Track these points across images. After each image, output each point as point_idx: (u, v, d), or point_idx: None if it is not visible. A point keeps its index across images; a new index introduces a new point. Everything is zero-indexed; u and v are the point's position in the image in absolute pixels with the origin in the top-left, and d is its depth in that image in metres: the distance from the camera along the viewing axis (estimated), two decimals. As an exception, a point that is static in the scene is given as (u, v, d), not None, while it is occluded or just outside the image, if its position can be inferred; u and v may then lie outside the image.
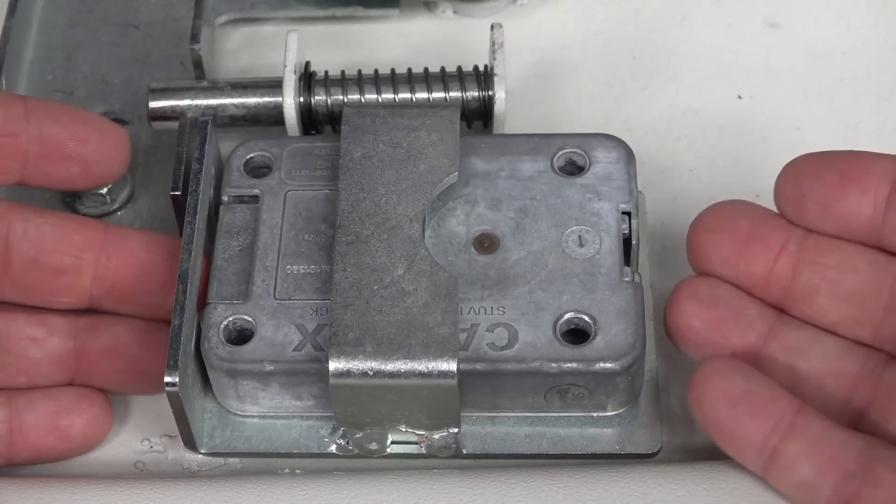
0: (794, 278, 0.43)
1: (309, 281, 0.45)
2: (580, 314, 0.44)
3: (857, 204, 0.43)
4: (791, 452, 0.41)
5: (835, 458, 0.41)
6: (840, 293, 0.43)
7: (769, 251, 0.44)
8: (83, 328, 0.47)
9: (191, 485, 0.45)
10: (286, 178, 0.48)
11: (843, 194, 0.43)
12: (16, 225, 0.46)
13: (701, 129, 0.54)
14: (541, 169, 0.47)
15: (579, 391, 0.44)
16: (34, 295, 0.46)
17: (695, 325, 0.44)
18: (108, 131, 0.47)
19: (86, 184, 0.48)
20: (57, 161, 0.46)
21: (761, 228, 0.44)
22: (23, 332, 0.46)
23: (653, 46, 0.56)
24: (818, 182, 0.43)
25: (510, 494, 0.44)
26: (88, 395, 0.46)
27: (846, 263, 0.43)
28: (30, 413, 0.46)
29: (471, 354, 0.44)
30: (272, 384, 0.45)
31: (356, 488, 0.44)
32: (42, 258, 0.46)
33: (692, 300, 0.44)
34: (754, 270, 0.44)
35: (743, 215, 0.44)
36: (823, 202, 0.43)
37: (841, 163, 0.43)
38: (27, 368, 0.46)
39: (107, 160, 0.47)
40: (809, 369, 0.43)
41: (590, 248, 0.46)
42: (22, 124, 0.46)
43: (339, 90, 0.51)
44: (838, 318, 0.43)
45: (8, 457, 0.46)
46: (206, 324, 0.45)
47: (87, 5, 0.57)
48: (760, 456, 0.42)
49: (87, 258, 0.46)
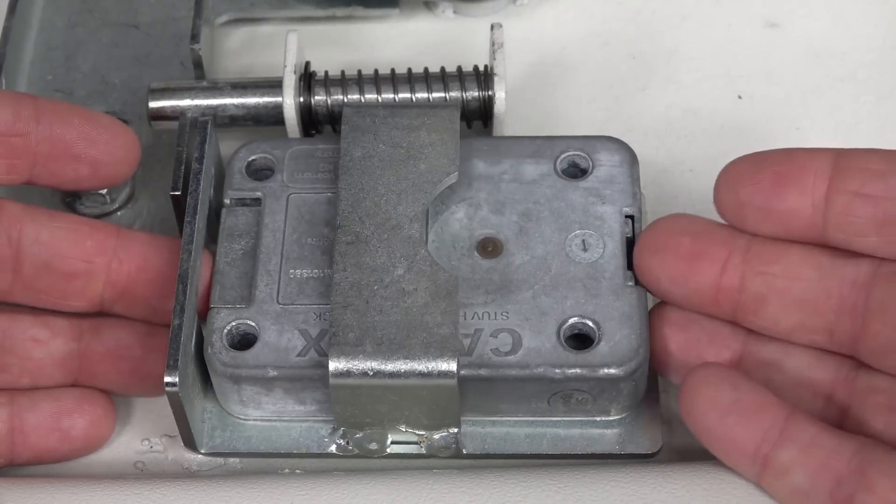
0: (741, 290, 0.43)
1: (312, 285, 0.45)
2: (584, 319, 0.44)
3: (797, 204, 0.42)
4: (783, 460, 0.41)
5: (827, 464, 0.41)
6: (789, 301, 0.43)
7: (714, 266, 0.43)
8: (86, 330, 0.47)
9: (191, 485, 0.45)
10: (288, 180, 0.48)
11: (781, 196, 0.42)
12: (28, 228, 0.46)
13: (701, 129, 0.54)
14: (544, 172, 0.47)
15: (583, 396, 0.44)
16: (44, 298, 0.46)
17: (671, 350, 0.44)
18: (118, 132, 0.47)
19: (94, 184, 0.48)
20: (66, 161, 0.46)
21: (704, 243, 0.43)
22: (26, 333, 0.46)
23: (653, 46, 0.56)
24: (754, 187, 0.42)
25: (510, 494, 0.44)
26: (91, 397, 0.46)
27: (791, 271, 0.43)
28: (32, 413, 0.46)
29: (475, 360, 0.43)
30: (276, 389, 0.44)
31: (356, 488, 0.44)
32: (54, 262, 0.46)
33: (665, 325, 0.44)
34: (702, 287, 0.43)
35: (684, 232, 0.44)
36: (762, 206, 0.42)
37: (775, 163, 0.42)
38: (30, 369, 0.46)
39: (116, 161, 0.47)
40: (784, 381, 0.43)
41: (593, 253, 0.46)
42: (31, 124, 0.46)
43: (339, 90, 0.51)
44: (791, 326, 0.43)
45: (9, 457, 0.46)
46: (209, 328, 0.45)
47: (87, 5, 0.56)
48: (754, 464, 0.42)
49: (99, 263, 0.46)
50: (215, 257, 0.46)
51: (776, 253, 0.43)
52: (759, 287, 0.43)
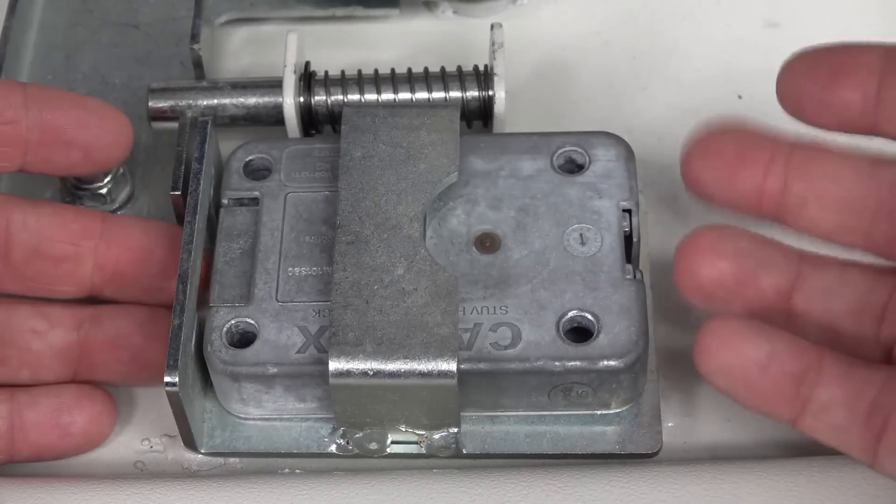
0: (784, 193, 0.44)
1: (311, 283, 0.45)
2: (583, 312, 0.44)
3: (851, 97, 0.43)
4: (823, 399, 0.42)
5: (861, 394, 0.41)
6: (828, 202, 0.43)
7: (757, 169, 0.44)
8: (86, 319, 0.47)
9: (191, 485, 0.45)
10: (286, 180, 0.48)
11: (836, 89, 0.43)
12: (15, 216, 0.46)
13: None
14: (541, 167, 0.47)
15: (583, 389, 0.44)
16: (35, 285, 0.47)
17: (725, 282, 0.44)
18: (107, 116, 0.47)
19: (88, 169, 0.48)
20: (57, 147, 0.46)
21: (748, 148, 0.44)
22: (25, 324, 0.46)
23: (653, 46, 0.56)
24: (812, 80, 0.43)
25: (510, 494, 0.44)
26: (90, 393, 0.46)
27: (831, 173, 0.43)
28: (31, 410, 0.46)
29: (474, 354, 0.44)
30: (276, 387, 0.44)
31: (356, 488, 0.44)
32: (42, 247, 0.46)
33: (715, 255, 0.44)
34: (747, 189, 0.44)
35: (730, 137, 0.44)
36: (819, 99, 0.43)
37: (831, 57, 0.43)
38: (30, 361, 0.46)
39: (108, 145, 0.47)
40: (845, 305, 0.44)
41: (591, 246, 0.46)
42: (21, 111, 0.46)
43: (339, 90, 0.51)
44: (830, 227, 0.44)
45: (9, 453, 0.46)
46: (209, 327, 0.45)
47: (87, 5, 0.57)
48: (793, 408, 0.42)
49: (86, 246, 0.46)
50: (214, 257, 0.46)
51: (817, 156, 0.44)
52: (800, 189, 0.43)
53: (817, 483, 0.44)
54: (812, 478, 0.44)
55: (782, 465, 0.44)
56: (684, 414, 0.47)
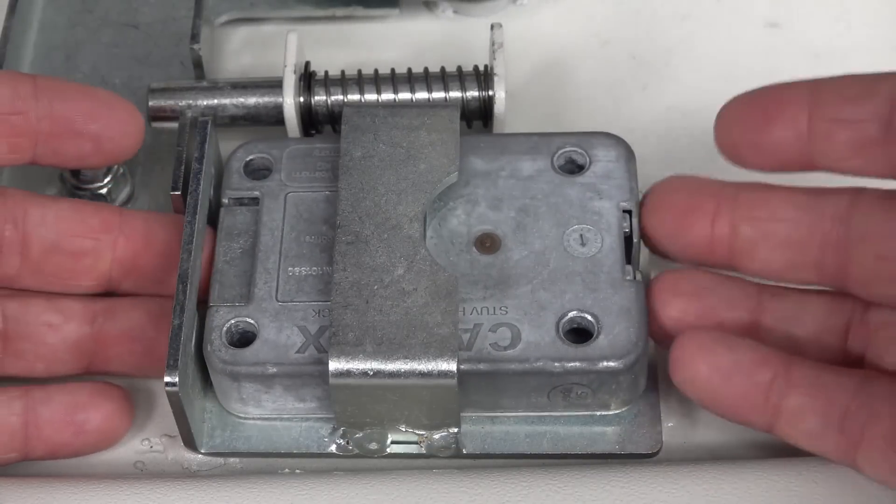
0: (733, 238, 0.44)
1: (311, 282, 0.45)
2: (583, 313, 0.44)
3: (783, 137, 0.43)
4: (794, 406, 0.42)
5: (834, 400, 0.42)
6: (776, 242, 0.44)
7: (705, 218, 0.44)
8: (99, 313, 0.47)
9: (191, 485, 0.45)
10: (286, 179, 0.48)
11: (768, 131, 0.43)
12: (33, 211, 0.46)
13: (701, 130, 0.53)
14: (541, 168, 0.47)
15: (583, 390, 0.44)
16: (54, 280, 0.47)
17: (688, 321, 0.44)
18: (117, 107, 0.47)
19: (99, 161, 0.48)
20: (68, 138, 0.46)
21: (695, 198, 0.45)
22: (40, 318, 0.46)
23: (653, 46, 0.56)
24: (744, 125, 0.43)
25: (510, 494, 0.44)
26: (106, 391, 0.46)
27: (775, 213, 0.44)
28: (46, 407, 0.45)
29: (474, 355, 0.44)
30: (275, 387, 0.44)
31: (356, 488, 0.44)
32: (61, 242, 0.46)
33: (677, 296, 0.45)
34: (696, 239, 0.45)
35: (678, 189, 0.45)
36: (754, 143, 0.43)
37: (760, 100, 0.43)
38: (45, 355, 0.46)
39: (118, 136, 0.47)
40: (805, 333, 0.44)
41: (591, 247, 0.46)
42: (31, 102, 0.46)
43: (339, 90, 0.51)
44: (781, 266, 0.44)
45: (24, 451, 0.45)
46: (208, 327, 0.45)
47: (87, 5, 0.57)
48: (764, 416, 0.43)
49: (105, 240, 0.47)
50: (213, 256, 0.46)
51: (760, 198, 0.44)
52: (749, 232, 0.44)
53: (817, 483, 0.44)
54: (812, 478, 0.44)
55: (782, 466, 0.44)
56: (684, 414, 0.47)
